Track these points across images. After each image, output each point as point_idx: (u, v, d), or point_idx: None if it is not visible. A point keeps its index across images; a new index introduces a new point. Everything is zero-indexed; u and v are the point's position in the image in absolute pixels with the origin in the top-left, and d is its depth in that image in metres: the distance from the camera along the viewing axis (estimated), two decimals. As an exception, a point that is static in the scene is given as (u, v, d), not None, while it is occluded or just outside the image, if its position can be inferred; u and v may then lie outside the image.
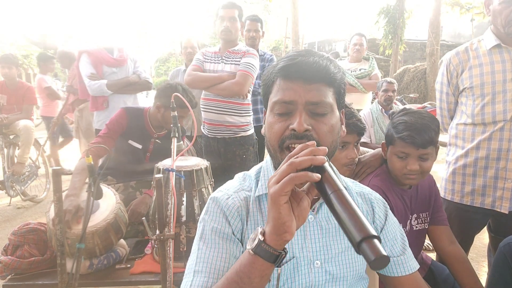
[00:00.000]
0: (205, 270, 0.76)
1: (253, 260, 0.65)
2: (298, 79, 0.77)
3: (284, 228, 0.62)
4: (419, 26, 15.06)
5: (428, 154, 1.34)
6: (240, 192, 0.87)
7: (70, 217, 1.55)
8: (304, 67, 0.76)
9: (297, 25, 11.60)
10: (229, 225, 0.81)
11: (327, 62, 0.78)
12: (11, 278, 1.56)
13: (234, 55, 2.38)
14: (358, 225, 0.55)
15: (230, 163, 2.49)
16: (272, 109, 0.80)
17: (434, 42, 9.33)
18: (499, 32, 1.58)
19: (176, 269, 1.53)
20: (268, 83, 0.83)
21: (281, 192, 0.60)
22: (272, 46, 21.85)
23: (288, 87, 0.77)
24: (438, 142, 1.38)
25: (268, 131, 0.81)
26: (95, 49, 2.96)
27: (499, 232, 1.75)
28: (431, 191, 1.51)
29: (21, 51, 15.77)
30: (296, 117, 0.76)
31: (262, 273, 0.65)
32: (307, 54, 0.79)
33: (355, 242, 0.54)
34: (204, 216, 0.84)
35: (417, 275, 0.92)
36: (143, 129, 2.09)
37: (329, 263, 0.82)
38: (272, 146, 0.80)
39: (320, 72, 0.77)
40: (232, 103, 2.37)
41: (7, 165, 3.78)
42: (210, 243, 0.79)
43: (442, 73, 1.77)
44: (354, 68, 3.63)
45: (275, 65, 0.82)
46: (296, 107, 0.76)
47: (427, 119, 1.34)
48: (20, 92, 3.93)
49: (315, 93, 0.76)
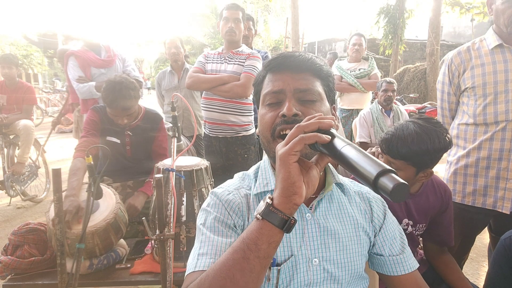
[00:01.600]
0: (210, 252, 0.75)
1: (261, 226, 0.63)
2: (285, 70, 0.81)
3: (294, 189, 0.62)
4: (419, 26, 15.06)
5: (395, 165, 1.26)
6: (241, 190, 0.87)
7: (71, 217, 1.55)
8: (291, 59, 0.82)
9: (297, 25, 11.58)
10: (231, 217, 0.82)
11: (312, 56, 0.83)
12: (11, 278, 1.56)
13: (237, 56, 2.41)
14: (372, 164, 0.54)
15: (231, 162, 2.49)
16: (263, 102, 0.84)
17: (434, 42, 9.33)
18: (502, 32, 1.57)
19: (176, 269, 1.53)
20: (258, 81, 0.88)
21: (290, 151, 0.61)
22: (272, 46, 21.85)
23: (276, 78, 0.82)
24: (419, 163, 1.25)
25: (260, 123, 0.83)
26: (81, 50, 2.91)
27: (500, 232, 1.74)
28: (440, 207, 1.43)
29: (21, 51, 15.78)
30: (284, 103, 0.78)
31: (270, 239, 0.63)
32: (292, 52, 0.85)
33: (371, 179, 0.52)
34: (206, 208, 0.85)
35: (417, 273, 0.92)
36: (113, 124, 2.10)
37: (327, 261, 0.82)
38: (265, 137, 0.82)
39: (306, 63, 0.82)
40: (234, 102, 2.38)
41: (7, 165, 3.77)
42: (214, 230, 0.79)
43: (443, 72, 1.76)
44: (353, 68, 3.63)
45: (265, 67, 0.87)
46: (285, 95, 0.80)
47: (419, 135, 1.21)
48: (20, 92, 3.92)
49: (302, 81, 0.80)
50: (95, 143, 2.00)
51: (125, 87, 1.98)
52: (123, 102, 1.97)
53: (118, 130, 2.13)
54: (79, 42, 3.01)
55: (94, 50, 2.95)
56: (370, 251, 0.92)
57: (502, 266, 1.22)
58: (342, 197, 0.90)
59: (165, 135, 2.26)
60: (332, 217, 0.86)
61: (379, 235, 0.91)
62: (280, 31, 20.34)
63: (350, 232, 0.86)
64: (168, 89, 3.37)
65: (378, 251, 0.91)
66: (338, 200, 0.89)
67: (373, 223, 0.91)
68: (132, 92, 2.01)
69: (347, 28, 25.35)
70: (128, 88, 1.99)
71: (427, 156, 1.24)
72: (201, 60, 2.51)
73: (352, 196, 0.92)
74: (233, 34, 2.38)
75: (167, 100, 3.43)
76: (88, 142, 1.96)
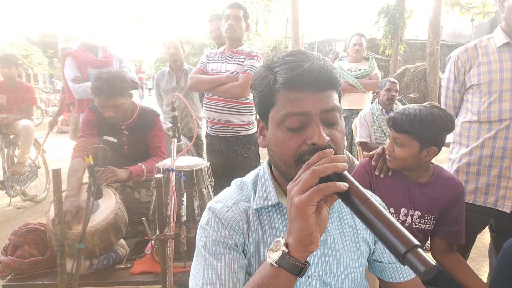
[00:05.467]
0: (215, 282, 0.74)
1: (277, 273, 0.63)
2: (307, 88, 0.70)
3: (311, 239, 0.60)
4: (419, 26, 15.06)
5: (400, 140, 1.38)
6: (240, 204, 0.83)
7: (71, 217, 1.54)
8: (313, 75, 0.70)
9: (297, 25, 11.58)
10: (231, 237, 0.79)
11: (328, 65, 0.73)
12: (11, 278, 1.56)
13: (238, 56, 2.41)
14: (399, 236, 0.54)
15: (231, 162, 2.50)
16: (280, 123, 0.73)
17: (434, 42, 9.31)
18: (510, 30, 1.57)
19: (176, 269, 1.53)
20: (268, 95, 0.74)
21: (308, 202, 0.59)
22: (272, 46, 21.84)
23: (297, 97, 0.70)
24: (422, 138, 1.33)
25: (279, 147, 0.74)
26: (78, 50, 2.91)
27: (501, 232, 1.75)
28: (450, 200, 1.44)
29: (21, 51, 15.78)
30: (313, 130, 0.69)
31: (286, 286, 0.63)
32: (305, 58, 0.72)
33: (400, 254, 0.53)
34: (205, 226, 0.81)
35: (417, 280, 0.90)
36: (109, 123, 2.09)
37: (326, 274, 0.81)
38: (285, 162, 0.74)
39: (330, 78, 0.72)
40: (234, 102, 2.39)
41: (7, 165, 3.77)
42: (216, 254, 0.77)
43: (449, 69, 1.75)
44: (354, 68, 3.63)
45: (274, 74, 0.74)
46: (311, 118, 0.70)
47: (423, 112, 1.33)
48: (20, 92, 3.92)
49: (327, 100, 0.71)
50: (93, 143, 1.99)
51: (113, 76, 1.96)
52: (108, 90, 1.93)
53: (115, 129, 2.12)
54: (77, 42, 3.02)
55: (91, 51, 2.95)
56: (370, 257, 0.91)
57: (508, 275, 1.18)
58: (342, 207, 0.88)
59: (159, 130, 2.23)
60: (332, 228, 0.84)
61: (379, 243, 0.89)
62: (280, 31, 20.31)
63: (350, 243, 0.85)
64: (167, 89, 3.37)
65: (378, 258, 0.90)
66: (338, 210, 0.87)
67: None
68: (120, 83, 1.97)
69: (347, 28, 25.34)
70: (116, 78, 1.96)
71: (430, 131, 1.32)
72: (203, 61, 2.54)
73: None
74: (232, 31, 2.38)
75: (165, 100, 3.43)
76: (86, 142, 1.96)
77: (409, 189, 1.44)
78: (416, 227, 1.46)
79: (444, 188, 1.44)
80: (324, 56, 0.79)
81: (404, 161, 1.39)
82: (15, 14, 16.89)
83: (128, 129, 2.13)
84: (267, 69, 0.76)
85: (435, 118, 1.31)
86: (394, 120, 1.38)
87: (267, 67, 0.77)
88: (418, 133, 1.33)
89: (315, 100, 0.70)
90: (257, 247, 0.80)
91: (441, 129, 1.33)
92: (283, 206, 0.82)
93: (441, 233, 1.47)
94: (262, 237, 0.81)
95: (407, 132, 1.35)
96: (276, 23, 23.45)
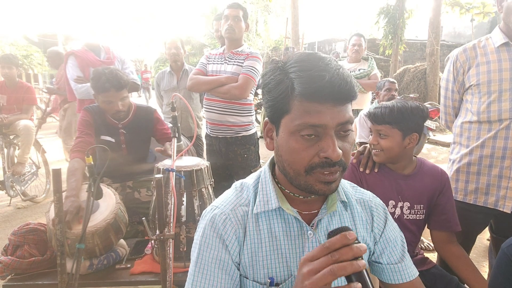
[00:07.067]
0: None
1: None
2: (327, 101, 0.69)
3: None
4: (419, 26, 15.06)
5: (382, 131, 1.47)
6: (238, 209, 0.83)
7: (71, 218, 1.54)
8: (335, 89, 0.68)
9: (297, 25, 11.58)
10: (227, 250, 0.79)
11: (347, 77, 0.70)
12: (11, 278, 1.56)
13: (237, 56, 2.41)
14: None
15: (231, 162, 2.50)
16: (294, 132, 0.71)
17: (434, 42, 9.31)
18: (509, 30, 1.57)
19: (176, 269, 1.53)
20: (283, 101, 0.72)
21: (321, 284, 0.57)
22: (272, 46, 21.84)
23: (316, 109, 0.69)
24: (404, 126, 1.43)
25: (291, 156, 0.73)
26: (81, 50, 2.92)
27: (501, 232, 1.74)
28: (436, 188, 1.49)
29: (21, 51, 15.78)
30: (328, 144, 0.69)
31: None
32: (325, 67, 0.68)
33: None
34: (200, 239, 0.81)
35: (417, 281, 0.90)
36: (106, 123, 2.10)
37: None
38: (295, 170, 0.74)
39: (348, 91, 0.69)
40: (233, 103, 2.39)
41: (7, 165, 3.77)
42: (206, 271, 0.78)
43: (448, 70, 1.75)
44: (353, 69, 3.63)
45: (290, 81, 0.71)
46: (326, 131, 0.69)
47: (399, 104, 1.44)
48: (20, 92, 3.92)
49: (344, 113, 0.70)
50: (91, 143, 1.99)
51: (112, 70, 1.98)
52: (116, 83, 1.94)
53: (112, 129, 2.11)
54: (79, 42, 3.02)
55: (94, 51, 2.96)
56: (369, 258, 0.91)
57: (507, 275, 1.17)
58: (343, 211, 0.87)
59: (162, 123, 2.24)
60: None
61: (378, 244, 0.90)
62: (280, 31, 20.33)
63: None
64: (167, 89, 3.37)
65: (377, 259, 0.90)
66: (340, 215, 0.86)
67: (373, 232, 0.89)
68: (122, 75, 1.99)
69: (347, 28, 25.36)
70: (117, 71, 1.99)
71: (409, 119, 1.42)
72: (202, 62, 2.53)
73: (354, 206, 0.89)
74: (232, 32, 2.38)
75: (165, 100, 3.43)
76: (83, 143, 1.95)
77: (396, 182, 1.50)
78: (407, 218, 1.50)
79: (429, 177, 1.50)
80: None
81: (390, 150, 1.46)
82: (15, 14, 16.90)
83: (126, 128, 2.13)
84: (282, 72, 0.73)
85: (411, 107, 1.43)
86: (375, 114, 1.48)
87: (282, 70, 0.73)
88: (399, 122, 1.43)
89: (333, 113, 0.69)
90: (253, 253, 0.80)
91: (418, 116, 1.44)
92: (284, 211, 0.81)
93: (434, 224, 1.52)
94: (260, 243, 0.80)
95: (389, 122, 1.44)
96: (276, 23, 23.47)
